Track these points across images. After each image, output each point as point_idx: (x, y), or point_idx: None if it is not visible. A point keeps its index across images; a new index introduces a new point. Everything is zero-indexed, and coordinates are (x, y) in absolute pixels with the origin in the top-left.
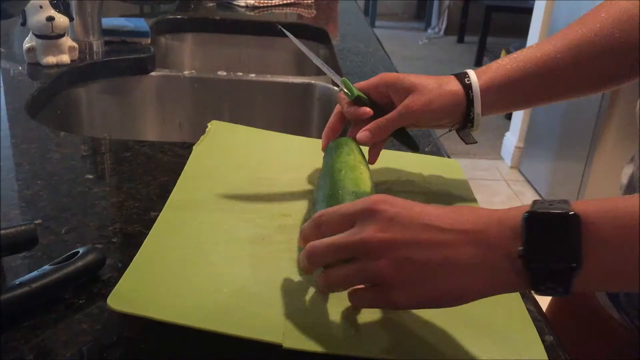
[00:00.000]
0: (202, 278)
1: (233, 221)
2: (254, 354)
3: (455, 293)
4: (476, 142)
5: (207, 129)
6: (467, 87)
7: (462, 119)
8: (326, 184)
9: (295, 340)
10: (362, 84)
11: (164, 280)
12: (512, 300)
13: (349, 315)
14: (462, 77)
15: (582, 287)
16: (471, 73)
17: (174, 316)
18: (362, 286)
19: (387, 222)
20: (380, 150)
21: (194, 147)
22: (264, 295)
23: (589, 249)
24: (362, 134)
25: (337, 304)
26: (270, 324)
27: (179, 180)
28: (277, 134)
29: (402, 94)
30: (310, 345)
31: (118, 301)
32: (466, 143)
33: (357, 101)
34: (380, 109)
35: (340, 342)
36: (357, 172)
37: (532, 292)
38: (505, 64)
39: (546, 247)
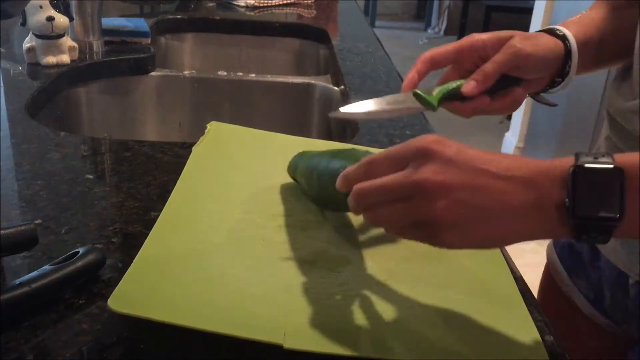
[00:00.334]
0: (203, 279)
1: (233, 222)
2: (254, 354)
3: (505, 236)
4: (557, 105)
5: (206, 130)
6: (563, 39)
7: (556, 74)
8: (332, 154)
9: (296, 340)
10: (440, 50)
11: (164, 281)
12: (514, 306)
13: (351, 315)
14: (551, 31)
15: (622, 235)
16: (560, 27)
17: (175, 317)
18: None
19: (443, 164)
20: (480, 107)
21: (193, 148)
22: (265, 296)
23: (630, 200)
24: (469, 85)
25: (338, 305)
26: (271, 325)
27: (178, 181)
28: (276, 135)
29: (501, 43)
30: (311, 346)
31: (119, 302)
32: (550, 105)
33: (449, 97)
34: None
35: (341, 342)
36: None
37: (574, 238)
38: (583, 22)
39: (591, 199)
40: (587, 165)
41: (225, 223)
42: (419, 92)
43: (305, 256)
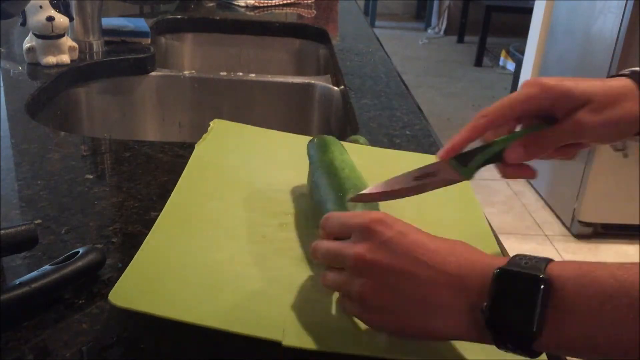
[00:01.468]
0: (203, 275)
1: (234, 219)
2: (254, 353)
3: (424, 330)
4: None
5: (209, 128)
6: None
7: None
8: (333, 183)
9: (295, 338)
10: (514, 98)
11: (165, 277)
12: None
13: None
14: None
15: (549, 351)
16: None
17: (175, 313)
18: None
19: (379, 244)
20: (524, 175)
21: (196, 145)
22: (265, 293)
23: (554, 315)
24: (513, 151)
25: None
26: (270, 322)
27: (180, 179)
28: (279, 133)
29: (575, 103)
30: (310, 343)
31: (119, 297)
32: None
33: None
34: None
35: (341, 340)
36: (358, 172)
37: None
38: None
39: (508, 308)
40: (511, 269)
41: (226, 220)
42: (455, 161)
43: (306, 254)
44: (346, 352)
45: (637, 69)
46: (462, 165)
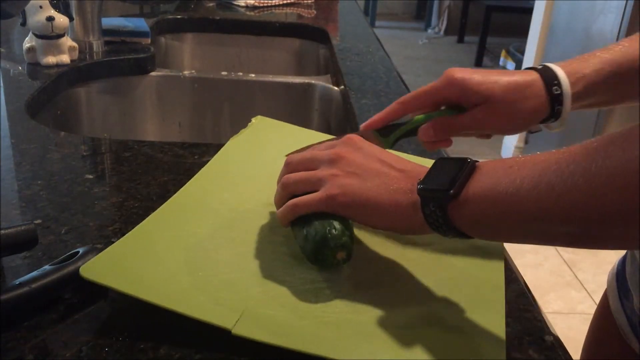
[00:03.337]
0: (181, 260)
1: (239, 212)
2: (257, 355)
3: (374, 201)
4: (540, 130)
5: (249, 123)
6: (554, 99)
7: (542, 120)
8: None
9: (246, 328)
10: (426, 88)
11: (142, 257)
12: (494, 314)
13: (317, 314)
14: (549, 81)
15: (468, 216)
16: (562, 77)
17: (136, 290)
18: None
19: (355, 148)
20: (442, 146)
21: (230, 139)
22: (236, 283)
23: (474, 182)
24: (424, 131)
25: (308, 303)
26: (230, 311)
27: (204, 167)
28: (318, 133)
29: (474, 101)
30: (259, 335)
31: (90, 271)
32: (530, 132)
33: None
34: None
35: (296, 337)
36: None
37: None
38: (597, 67)
39: (433, 177)
40: (448, 156)
41: (231, 212)
42: (377, 132)
43: (294, 252)
44: (295, 349)
45: (550, 64)
46: (383, 136)
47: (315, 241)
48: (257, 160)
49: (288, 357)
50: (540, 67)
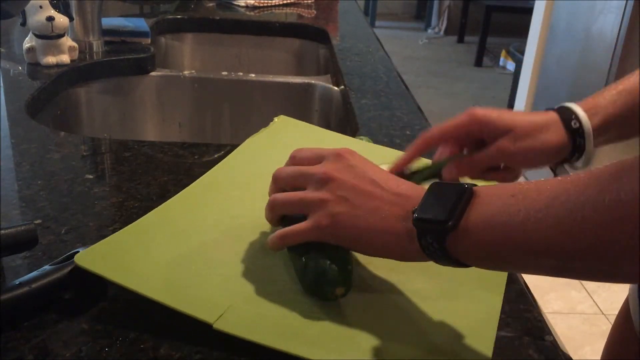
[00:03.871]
0: (178, 254)
1: (244, 209)
2: (255, 356)
3: (365, 229)
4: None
5: (271, 122)
6: (574, 132)
7: (566, 157)
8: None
9: (228, 323)
10: (449, 124)
11: (137, 249)
12: (483, 327)
13: (301, 314)
14: (566, 117)
15: (468, 248)
16: (580, 113)
17: (125, 280)
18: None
19: (345, 166)
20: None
21: (250, 137)
22: (227, 280)
23: (473, 212)
24: (448, 170)
25: (294, 303)
26: (214, 306)
27: (218, 164)
28: (339, 135)
29: (497, 132)
30: (240, 331)
31: (84, 259)
32: (555, 174)
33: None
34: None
35: (278, 337)
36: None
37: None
38: (614, 99)
39: (430, 206)
40: (444, 182)
41: (236, 209)
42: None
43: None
44: (275, 347)
45: (566, 103)
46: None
47: (315, 273)
48: (271, 159)
49: (288, 357)
50: (556, 107)
